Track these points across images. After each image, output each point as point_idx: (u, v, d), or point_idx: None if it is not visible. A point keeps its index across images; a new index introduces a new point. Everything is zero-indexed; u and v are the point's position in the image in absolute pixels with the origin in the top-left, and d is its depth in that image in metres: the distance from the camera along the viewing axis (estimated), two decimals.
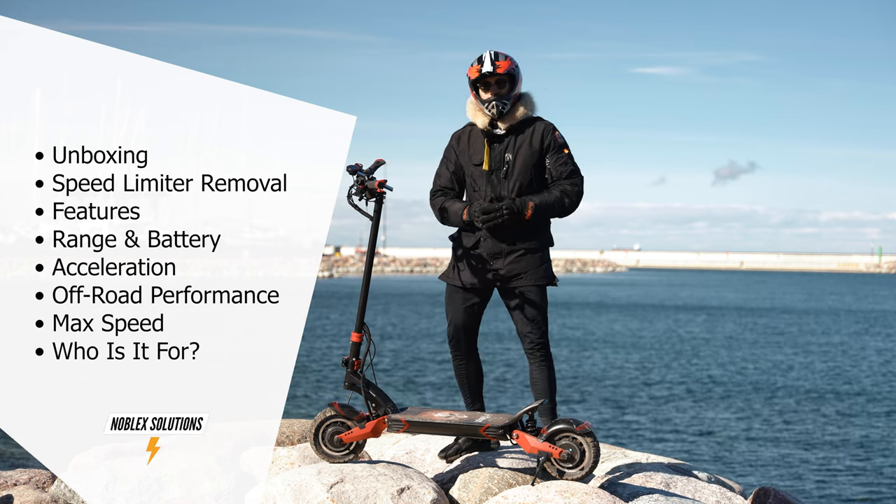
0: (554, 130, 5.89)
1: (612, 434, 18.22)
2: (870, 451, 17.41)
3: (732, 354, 32.95)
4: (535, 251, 5.87)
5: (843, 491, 14.65)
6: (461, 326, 5.94)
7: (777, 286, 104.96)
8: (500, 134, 5.89)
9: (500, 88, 5.85)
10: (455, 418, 5.67)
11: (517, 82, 5.88)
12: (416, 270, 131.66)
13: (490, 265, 5.86)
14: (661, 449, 16.77)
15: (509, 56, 5.88)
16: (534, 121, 5.91)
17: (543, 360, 5.85)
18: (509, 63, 5.84)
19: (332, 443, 5.72)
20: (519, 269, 5.83)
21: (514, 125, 5.88)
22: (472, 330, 5.97)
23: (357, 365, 5.74)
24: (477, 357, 6.04)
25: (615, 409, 21.27)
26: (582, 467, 5.48)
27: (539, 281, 5.85)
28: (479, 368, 6.07)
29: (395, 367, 27.21)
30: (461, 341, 5.96)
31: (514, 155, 5.84)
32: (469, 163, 5.93)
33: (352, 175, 5.78)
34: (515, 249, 5.84)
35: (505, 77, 5.83)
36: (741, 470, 15.75)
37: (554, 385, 5.88)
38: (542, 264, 5.89)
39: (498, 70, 5.80)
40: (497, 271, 5.85)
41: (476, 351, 6.03)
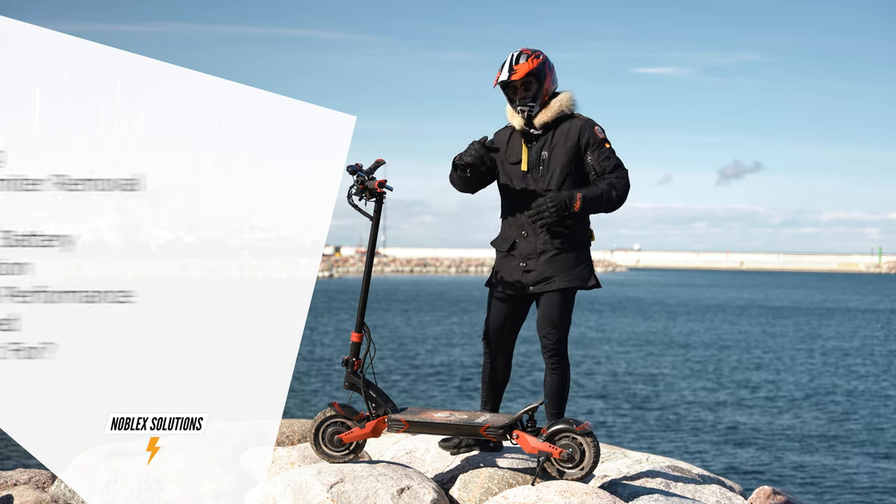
0: (593, 126, 5.79)
1: (612, 434, 18.23)
2: (873, 451, 17.42)
3: (735, 354, 32.96)
4: (569, 251, 5.78)
5: (844, 491, 14.66)
6: (494, 329, 5.93)
7: (784, 285, 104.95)
8: (536, 133, 5.83)
9: (526, 91, 5.78)
10: (455, 418, 5.67)
11: (544, 81, 5.79)
12: (416, 270, 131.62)
13: (524, 267, 5.81)
14: (661, 449, 16.78)
15: (533, 55, 5.79)
16: (571, 118, 5.83)
17: (557, 366, 5.79)
18: (529, 65, 5.75)
19: (333, 443, 5.71)
20: (551, 270, 5.75)
21: (548, 123, 5.81)
22: (506, 334, 5.93)
23: (357, 365, 5.73)
24: (506, 361, 5.99)
25: (615, 409, 21.28)
26: (582, 467, 5.48)
27: (572, 283, 5.75)
28: (507, 371, 6.02)
29: (396, 367, 27.21)
30: (492, 342, 5.95)
31: (550, 153, 5.77)
32: (506, 161, 5.89)
33: (352, 175, 5.76)
34: (548, 250, 5.76)
35: (529, 79, 5.77)
36: (742, 470, 15.76)
37: (564, 393, 5.81)
38: (577, 266, 5.79)
39: (513, 77, 5.74)
40: (530, 273, 5.79)
41: (507, 356, 5.98)
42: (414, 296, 67.96)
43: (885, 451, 17.46)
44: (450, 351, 31.73)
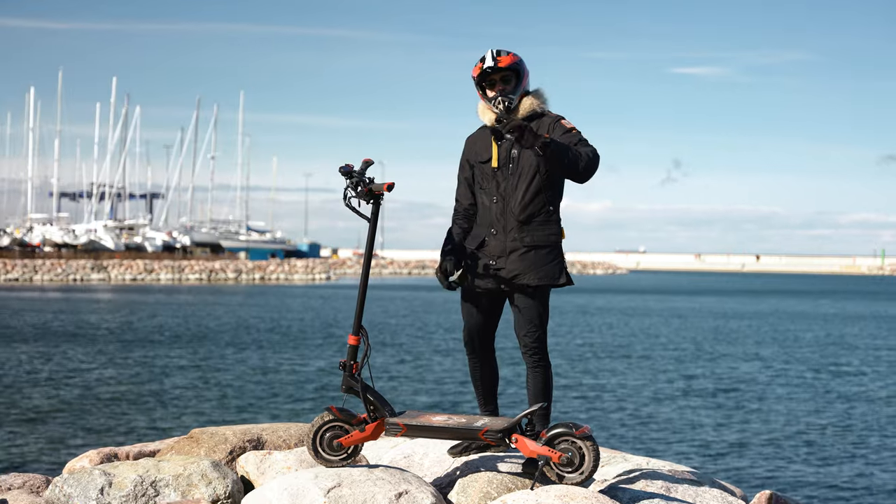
0: (560, 119, 5.81)
1: (613, 438, 18.22)
2: (876, 457, 17.41)
3: (735, 357, 32.94)
4: (539, 248, 5.79)
5: (848, 498, 14.65)
6: (473, 328, 5.94)
7: (768, 288, 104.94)
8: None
9: (505, 84, 5.81)
10: (453, 422, 5.65)
11: (522, 78, 5.83)
12: (414, 273, 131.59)
13: (493, 265, 5.81)
14: (661, 453, 16.77)
15: (512, 52, 5.84)
16: (540, 116, 5.84)
17: (538, 365, 5.79)
18: (512, 58, 5.80)
19: (331, 447, 5.70)
20: (521, 267, 5.75)
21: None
22: (485, 332, 5.96)
23: (355, 368, 5.71)
24: (492, 359, 6.02)
25: (616, 412, 21.27)
26: (581, 471, 5.47)
27: (542, 280, 5.76)
28: (494, 370, 6.04)
29: (394, 370, 27.19)
30: (474, 343, 5.96)
31: (520, 151, 5.77)
32: (477, 161, 5.91)
33: (344, 176, 5.73)
34: (518, 248, 5.77)
35: (509, 72, 5.80)
36: (743, 475, 15.75)
37: (549, 392, 5.81)
38: (548, 263, 5.80)
39: (499, 64, 5.77)
40: (500, 271, 5.79)
41: (491, 353, 6.02)
42: (410, 303, 67.94)
43: (894, 458, 17.45)
44: (447, 353, 31.72)
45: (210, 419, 19.41)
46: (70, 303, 54.78)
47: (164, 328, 39.38)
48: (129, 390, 22.93)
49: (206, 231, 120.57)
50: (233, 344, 33.74)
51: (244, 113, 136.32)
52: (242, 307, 53.79)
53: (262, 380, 25.12)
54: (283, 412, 20.40)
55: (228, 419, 19.46)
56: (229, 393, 22.92)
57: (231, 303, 58.01)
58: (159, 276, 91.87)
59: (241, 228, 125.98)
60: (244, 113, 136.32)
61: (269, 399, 22.15)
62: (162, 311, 48.84)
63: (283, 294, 70.80)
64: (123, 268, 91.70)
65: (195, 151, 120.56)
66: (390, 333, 38.73)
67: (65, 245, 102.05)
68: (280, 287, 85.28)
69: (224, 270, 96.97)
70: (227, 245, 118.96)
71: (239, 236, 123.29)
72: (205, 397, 22.26)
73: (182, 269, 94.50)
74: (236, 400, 21.98)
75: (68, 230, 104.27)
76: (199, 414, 20.09)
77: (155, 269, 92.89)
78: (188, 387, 23.74)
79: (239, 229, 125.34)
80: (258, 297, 64.94)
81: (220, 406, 21.14)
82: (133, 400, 21.62)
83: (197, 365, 27.92)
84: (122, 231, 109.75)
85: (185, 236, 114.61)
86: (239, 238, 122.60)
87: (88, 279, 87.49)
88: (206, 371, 26.62)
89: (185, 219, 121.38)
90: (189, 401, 21.74)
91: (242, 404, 21.41)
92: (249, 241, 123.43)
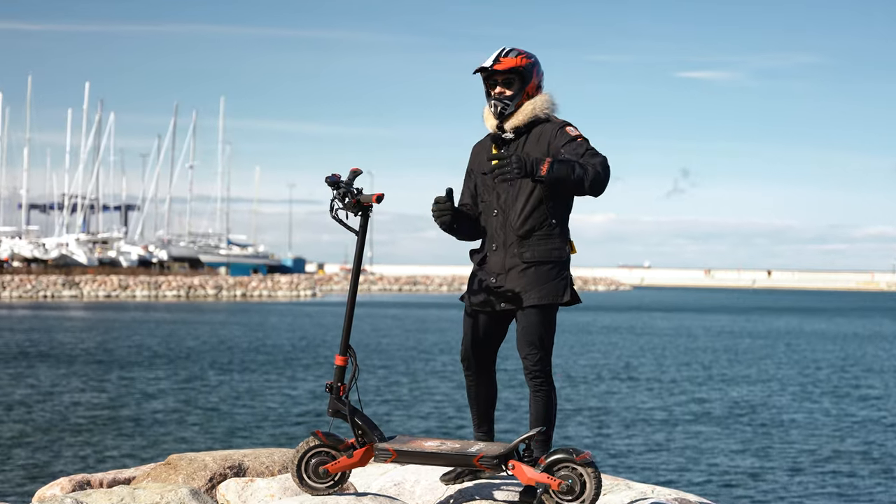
0: (565, 126, 5.74)
1: (617, 464, 18.22)
2: (885, 481, 17.43)
3: (749, 379, 32.96)
4: (541, 264, 5.75)
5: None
6: (470, 345, 5.92)
7: (778, 305, 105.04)
8: (508, 138, 5.81)
9: (505, 88, 5.76)
10: (447, 447, 5.64)
11: (528, 81, 5.77)
12: (405, 289, 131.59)
13: (493, 283, 5.79)
14: (669, 481, 16.77)
15: (524, 54, 5.77)
16: (544, 122, 5.79)
17: (541, 387, 5.76)
18: (516, 62, 5.73)
19: (317, 474, 5.69)
20: (522, 285, 5.72)
21: (520, 127, 5.78)
22: (483, 350, 5.93)
23: (342, 390, 5.70)
24: (491, 378, 6.00)
25: (620, 437, 21.28)
26: (582, 500, 5.46)
27: (542, 299, 5.72)
28: (492, 390, 6.01)
29: (385, 393, 27.20)
30: (471, 361, 5.95)
31: None
32: (479, 172, 5.90)
33: (331, 187, 5.72)
34: (517, 265, 5.74)
35: (511, 75, 5.74)
36: (751, 502, 15.76)
37: (550, 416, 5.79)
38: (552, 280, 5.75)
39: (497, 66, 5.71)
40: (500, 289, 5.77)
41: (491, 372, 5.99)
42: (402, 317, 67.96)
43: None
44: (442, 375, 31.73)
45: (190, 445, 19.40)
46: (40, 321, 54.73)
47: (142, 348, 39.36)
48: (104, 414, 22.94)
49: (185, 245, 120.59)
50: (214, 365, 33.74)
51: (225, 119, 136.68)
52: (224, 326, 53.78)
53: (246, 403, 25.13)
54: (266, 437, 20.41)
55: (209, 445, 19.45)
56: (210, 417, 22.94)
57: (212, 321, 57.98)
58: (135, 293, 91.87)
59: (222, 242, 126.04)
60: (225, 119, 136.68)
61: (252, 423, 22.16)
62: (139, 330, 48.82)
63: (267, 312, 70.76)
64: (97, 284, 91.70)
65: (173, 160, 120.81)
66: (380, 354, 38.76)
67: (34, 260, 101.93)
68: (263, 304, 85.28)
69: (203, 287, 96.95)
70: (207, 260, 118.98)
71: (219, 251, 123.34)
72: (185, 422, 22.27)
73: (159, 286, 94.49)
74: (217, 424, 21.99)
75: (38, 244, 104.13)
76: (178, 440, 20.08)
77: (130, 286, 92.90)
78: (167, 410, 23.75)
79: (219, 243, 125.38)
80: (240, 315, 64.92)
81: (201, 431, 21.14)
82: (109, 424, 21.63)
83: (177, 387, 27.92)
84: (96, 245, 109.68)
85: (163, 251, 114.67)
86: (219, 252, 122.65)
87: (59, 296, 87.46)
88: (186, 394, 26.63)
89: (161, 232, 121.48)
90: (168, 425, 21.76)
91: (224, 429, 21.42)
92: (230, 255, 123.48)
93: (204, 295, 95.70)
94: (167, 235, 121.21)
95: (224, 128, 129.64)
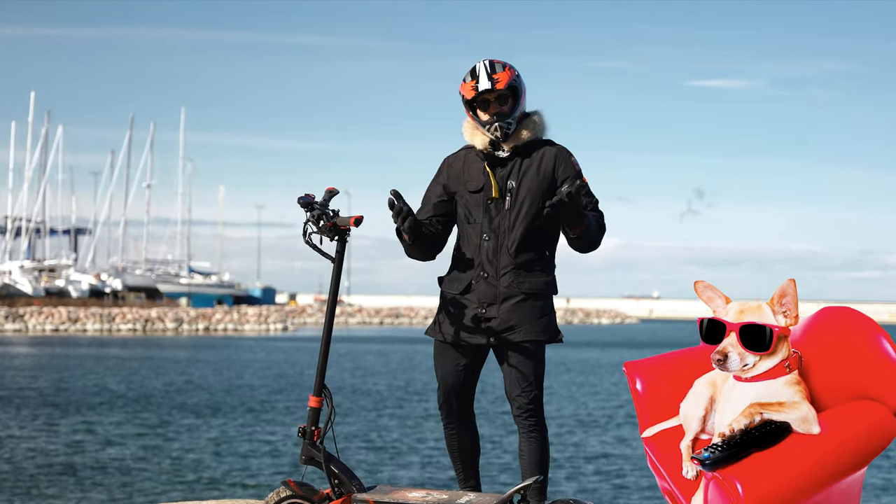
0: (569, 157, 5.86)
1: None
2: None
3: None
4: (536, 297, 5.83)
5: None
6: (451, 389, 5.93)
7: None
8: (502, 157, 5.88)
9: (501, 105, 5.82)
10: (432, 499, 5.59)
11: (521, 96, 5.85)
12: (386, 322, 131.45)
13: (482, 314, 5.83)
14: None
15: (508, 65, 5.84)
16: (543, 144, 5.91)
17: (534, 428, 5.81)
18: (509, 75, 5.82)
19: None
20: (516, 318, 5.77)
21: (518, 147, 5.87)
22: (465, 394, 5.96)
23: (317, 435, 5.65)
24: (472, 425, 6.02)
25: (626, 487, 21.43)
26: None
27: (538, 335, 5.79)
28: (475, 438, 6.04)
29: (364, 438, 27.57)
30: (452, 407, 5.95)
31: (519, 182, 5.82)
32: (464, 190, 5.92)
33: (304, 209, 5.72)
34: (514, 295, 5.79)
35: (506, 92, 5.81)
36: None
37: (546, 460, 5.83)
38: (546, 314, 5.84)
39: (497, 86, 5.78)
40: (489, 322, 5.81)
41: (471, 417, 6.02)
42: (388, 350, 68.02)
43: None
44: (427, 417, 31.96)
45: (154, 496, 19.70)
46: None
47: (99, 389, 39.61)
48: (60, 462, 23.23)
49: (141, 273, 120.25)
50: (182, 407, 34.11)
51: (185, 133, 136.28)
52: (188, 364, 53.72)
53: (215, 450, 25.39)
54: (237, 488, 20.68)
55: (175, 496, 19.73)
56: (176, 465, 23.19)
57: (174, 358, 58.02)
58: (86, 327, 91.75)
59: (183, 270, 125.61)
60: (185, 133, 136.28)
61: (220, 472, 22.44)
62: (94, 369, 48.90)
63: (234, 347, 70.63)
64: (43, 316, 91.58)
65: (128, 179, 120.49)
66: (359, 395, 38.89)
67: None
68: (229, 339, 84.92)
69: (162, 320, 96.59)
70: (166, 290, 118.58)
71: (179, 279, 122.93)
72: (148, 470, 22.56)
73: (113, 319, 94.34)
74: (184, 473, 22.27)
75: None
76: (141, 491, 20.38)
77: (80, 318, 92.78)
78: (130, 458, 23.98)
79: (179, 271, 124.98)
80: (205, 352, 64.87)
81: (167, 481, 21.45)
82: (66, 474, 21.91)
83: (139, 433, 28.20)
84: (42, 273, 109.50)
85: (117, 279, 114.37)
86: (179, 281, 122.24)
87: (2, 330, 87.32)
88: (149, 440, 26.92)
89: (115, 259, 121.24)
90: (131, 474, 22.03)
91: (191, 478, 21.72)
92: (192, 284, 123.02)
93: (163, 329, 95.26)
94: (122, 262, 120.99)
95: (185, 143, 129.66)
